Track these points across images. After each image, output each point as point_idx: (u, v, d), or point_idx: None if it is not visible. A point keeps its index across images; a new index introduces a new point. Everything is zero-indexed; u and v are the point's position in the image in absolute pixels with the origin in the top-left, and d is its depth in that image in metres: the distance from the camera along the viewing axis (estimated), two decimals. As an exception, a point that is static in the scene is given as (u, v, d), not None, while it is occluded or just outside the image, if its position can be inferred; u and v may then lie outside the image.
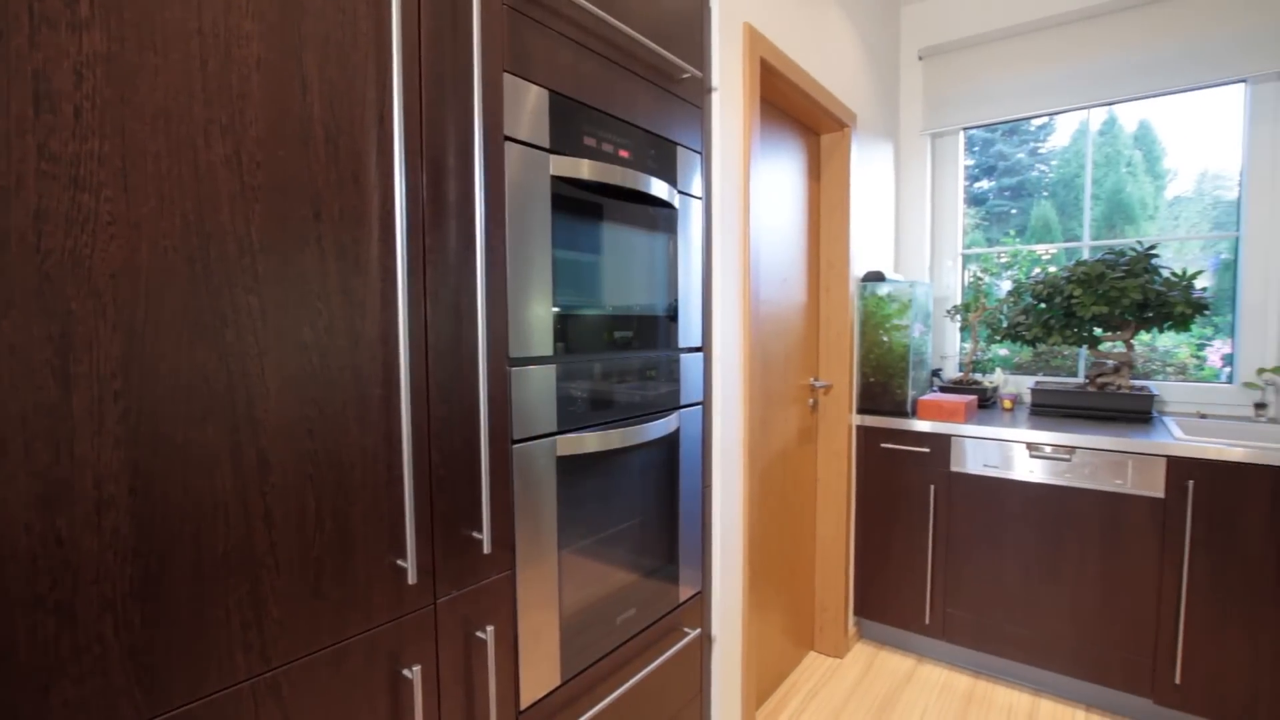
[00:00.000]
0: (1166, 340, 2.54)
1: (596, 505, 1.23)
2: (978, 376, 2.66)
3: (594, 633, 1.22)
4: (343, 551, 0.81)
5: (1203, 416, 2.30)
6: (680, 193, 1.39)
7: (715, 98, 1.52)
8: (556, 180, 1.09)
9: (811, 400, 2.32)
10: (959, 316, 2.71)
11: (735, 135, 1.61)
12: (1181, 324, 2.19)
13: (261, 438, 0.73)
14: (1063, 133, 2.78)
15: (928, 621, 2.32)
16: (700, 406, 1.51)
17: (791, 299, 2.15)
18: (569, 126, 1.11)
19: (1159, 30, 2.36)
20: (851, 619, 2.49)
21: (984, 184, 2.97)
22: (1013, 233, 2.88)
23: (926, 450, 2.28)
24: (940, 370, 2.83)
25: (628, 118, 1.25)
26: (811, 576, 2.41)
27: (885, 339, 2.37)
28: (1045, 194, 2.81)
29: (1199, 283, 2.19)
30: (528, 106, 1.03)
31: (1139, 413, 2.20)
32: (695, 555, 1.53)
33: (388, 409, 0.85)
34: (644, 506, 1.36)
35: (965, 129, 2.85)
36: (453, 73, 0.92)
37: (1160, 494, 1.90)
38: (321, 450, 0.78)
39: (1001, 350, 2.83)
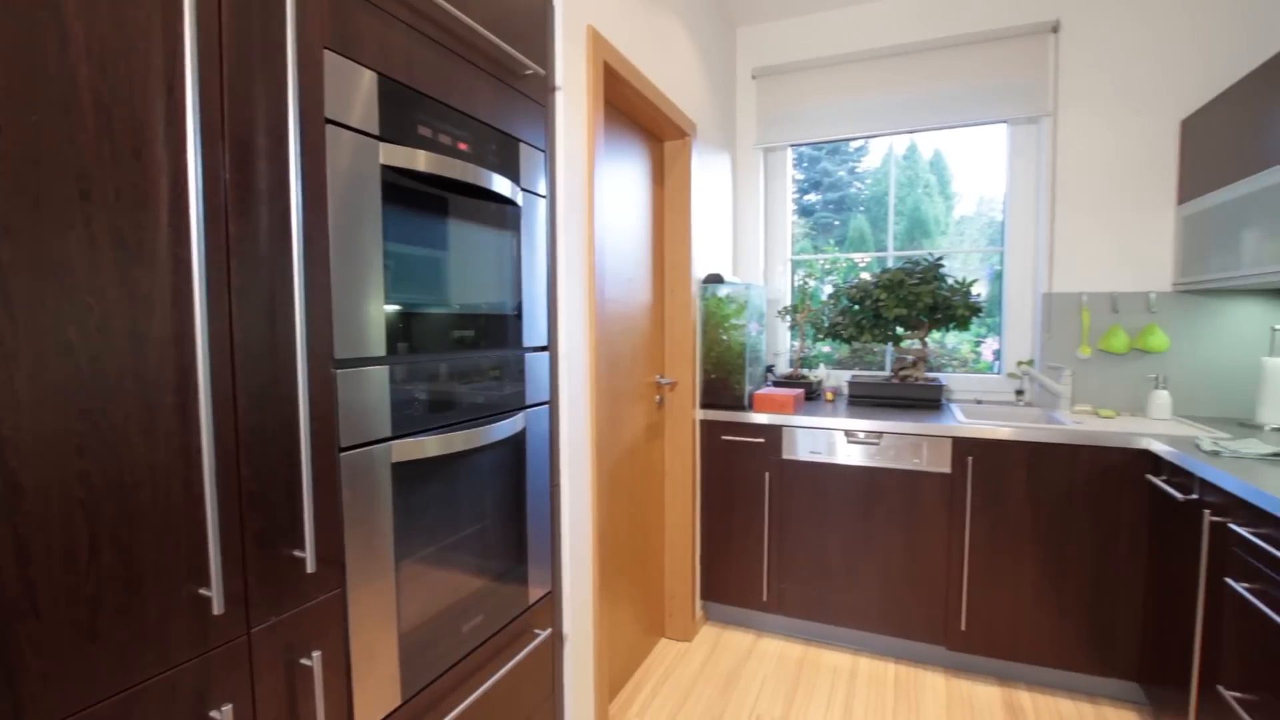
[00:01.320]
0: (952, 338, 2.97)
1: (439, 512, 1.18)
2: (805, 371, 2.92)
3: (439, 645, 1.17)
4: (128, 585, 0.70)
5: (979, 402, 2.72)
6: (524, 190, 1.38)
7: (559, 97, 1.52)
8: (388, 170, 1.02)
9: (658, 397, 2.40)
10: (789, 317, 2.95)
11: (579, 135, 1.62)
12: (962, 324, 2.57)
13: (10, 457, 0.61)
14: (875, 155, 3.14)
15: (765, 598, 2.51)
16: (547, 406, 1.50)
17: (637, 299, 2.22)
18: (402, 114, 1.05)
19: (946, 72, 2.74)
20: (698, 603, 2.63)
21: (812, 197, 3.27)
22: (832, 242, 3.20)
23: (762, 440, 2.46)
24: (773, 366, 3.07)
25: (467, 110, 1.21)
26: (661, 566, 2.50)
27: (725, 337, 2.53)
28: (861, 208, 3.15)
29: (976, 290, 2.59)
30: (353, 89, 0.96)
31: (932, 401, 2.55)
32: (545, 555, 1.52)
33: (184, 419, 0.75)
34: (490, 510, 1.33)
35: (793, 145, 3.11)
36: (262, 44, 0.83)
37: (948, 469, 2.21)
38: (96, 470, 0.67)
39: (825, 347, 3.13)
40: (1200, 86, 2.37)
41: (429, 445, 1.11)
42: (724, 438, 2.52)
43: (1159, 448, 1.89)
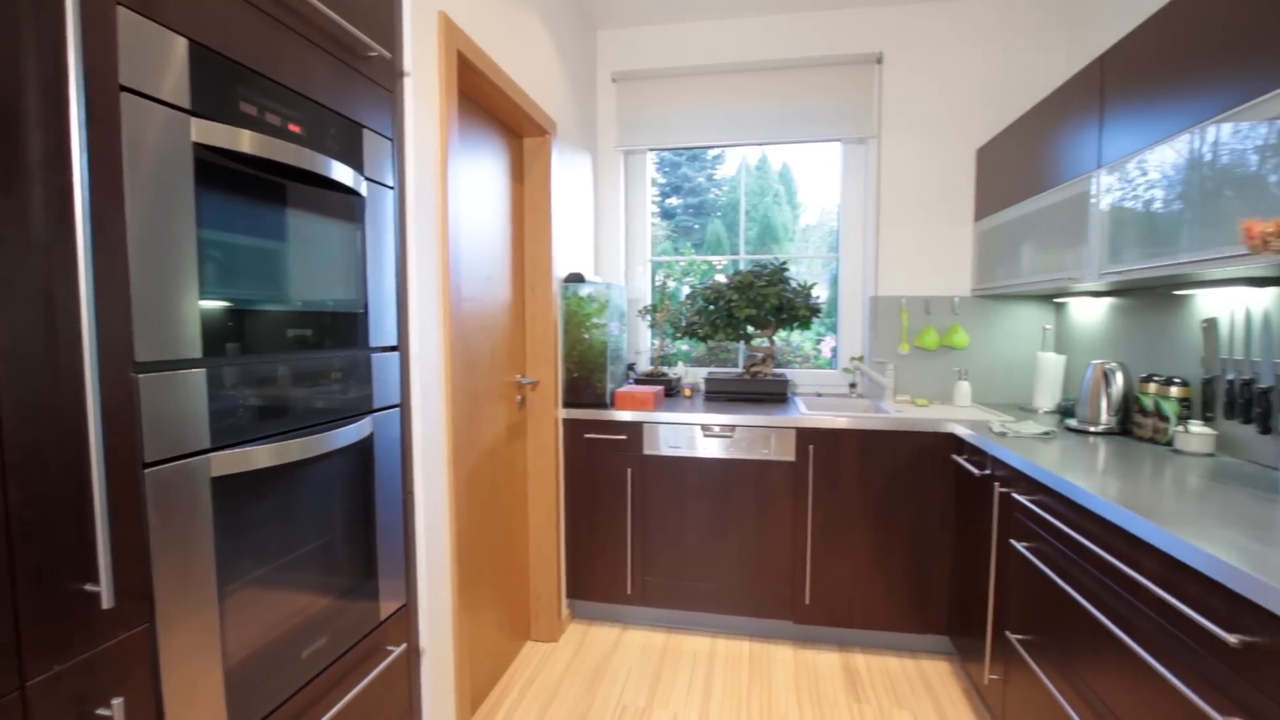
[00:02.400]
0: (797, 336, 3.21)
1: (274, 528, 1.07)
2: (665, 369, 3.02)
3: (275, 675, 1.07)
4: None
5: (819, 395, 2.97)
6: (369, 180, 1.29)
7: (408, 83, 1.44)
8: (204, 149, 0.91)
9: (519, 397, 2.36)
10: (649, 316, 3.04)
11: (431, 125, 1.55)
12: (804, 323, 2.79)
13: None
14: (731, 164, 3.32)
15: (629, 591, 2.56)
16: (398, 409, 1.42)
17: (496, 297, 2.17)
18: (220, 88, 0.94)
19: (790, 91, 2.96)
20: (564, 602, 2.62)
21: (674, 200, 3.39)
22: (690, 245, 3.34)
23: (624, 437, 2.51)
24: (635, 364, 3.14)
25: (301, 89, 1.11)
26: (526, 568, 2.46)
27: (587, 336, 2.54)
28: (718, 214, 3.31)
29: (817, 292, 2.82)
30: (158, 55, 0.85)
31: (779, 395, 2.75)
32: (398, 567, 1.44)
33: (-77, 436, 0.61)
34: (335, 522, 1.23)
35: (652, 150, 3.20)
36: (32, -8, 0.70)
37: (793, 458, 2.40)
38: None
39: (683, 345, 3.26)
40: (992, 120, 2.77)
41: (259, 456, 1.01)
42: (587, 436, 2.54)
43: (961, 431, 2.18)
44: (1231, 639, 0.94)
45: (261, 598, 1.05)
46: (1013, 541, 1.74)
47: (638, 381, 2.92)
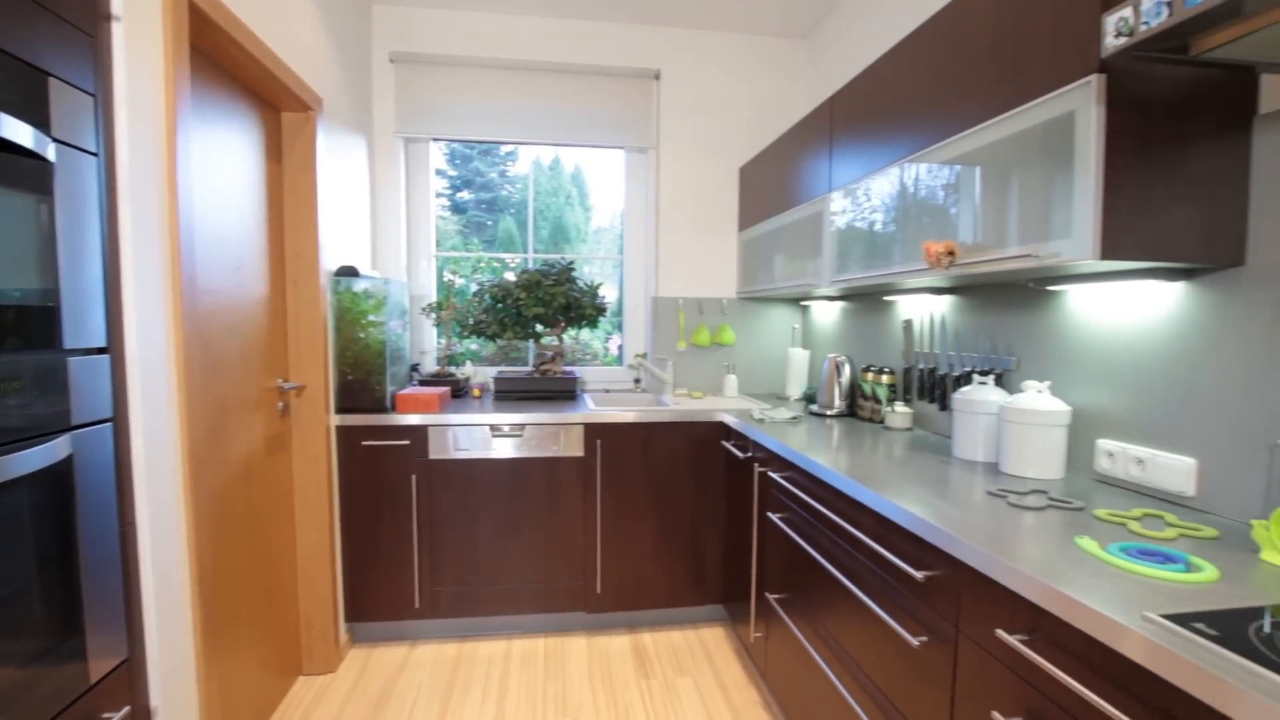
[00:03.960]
0: (586, 335, 3.31)
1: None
2: (453, 369, 2.90)
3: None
4: None
5: (607, 391, 3.10)
6: (59, 142, 1.04)
7: (118, 29, 1.19)
8: None
9: (281, 404, 2.09)
10: (434, 314, 2.89)
11: (152, 84, 1.30)
12: (591, 322, 2.88)
13: None
14: (524, 162, 3.29)
15: (418, 605, 2.42)
16: (110, 424, 1.17)
17: (249, 291, 1.89)
18: None
19: (578, 95, 3.02)
20: (343, 628, 2.39)
21: (465, 195, 3.26)
22: (476, 241, 3.25)
23: (407, 442, 2.36)
24: (419, 365, 2.97)
25: (-53, 17, 0.86)
26: (294, 595, 2.19)
27: (363, 335, 2.34)
28: (511, 211, 3.27)
29: (606, 292, 2.93)
30: None
31: (568, 392, 2.80)
32: (116, 616, 1.19)
33: None
34: (17, 570, 0.98)
35: (435, 139, 3.04)
36: None
37: (582, 453, 2.46)
38: None
39: (472, 344, 3.16)
40: (752, 141, 3.12)
41: (-118, 495, 0.76)
42: (365, 443, 2.34)
43: (729, 419, 2.43)
44: (919, 575, 1.18)
45: (-108, 681, 0.79)
46: (769, 514, 1.99)
47: (423, 383, 2.77)
